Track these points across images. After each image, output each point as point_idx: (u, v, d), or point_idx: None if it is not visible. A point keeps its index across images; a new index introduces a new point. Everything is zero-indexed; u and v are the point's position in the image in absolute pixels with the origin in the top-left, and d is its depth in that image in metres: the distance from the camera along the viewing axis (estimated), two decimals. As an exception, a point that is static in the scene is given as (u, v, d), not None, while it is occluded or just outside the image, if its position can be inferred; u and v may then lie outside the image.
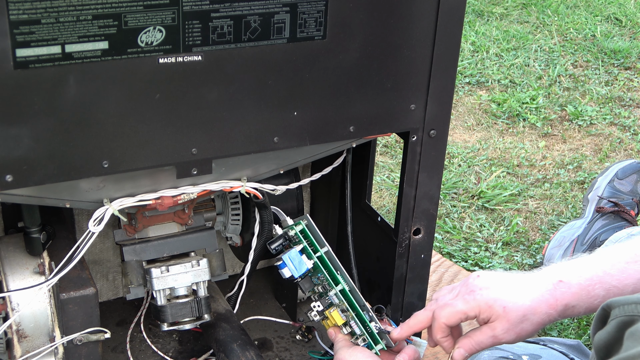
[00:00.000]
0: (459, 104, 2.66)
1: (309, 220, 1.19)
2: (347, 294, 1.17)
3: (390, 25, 1.08)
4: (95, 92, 0.96)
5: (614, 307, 0.77)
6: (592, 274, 1.06)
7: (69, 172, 0.99)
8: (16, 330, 1.11)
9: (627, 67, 2.95)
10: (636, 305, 0.75)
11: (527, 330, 1.06)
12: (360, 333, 1.16)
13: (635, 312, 0.75)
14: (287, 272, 1.17)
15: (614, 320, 0.77)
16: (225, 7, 0.99)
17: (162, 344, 1.39)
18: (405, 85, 1.13)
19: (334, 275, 1.17)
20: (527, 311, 1.05)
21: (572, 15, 3.33)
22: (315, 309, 1.19)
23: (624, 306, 0.76)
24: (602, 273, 1.05)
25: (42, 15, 0.90)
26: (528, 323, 1.05)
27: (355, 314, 1.16)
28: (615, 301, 0.77)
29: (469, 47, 3.02)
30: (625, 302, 0.76)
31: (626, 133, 2.51)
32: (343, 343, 1.16)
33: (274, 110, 1.07)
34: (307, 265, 1.17)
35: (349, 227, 1.31)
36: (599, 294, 1.05)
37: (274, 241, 1.21)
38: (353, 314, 1.16)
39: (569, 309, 1.05)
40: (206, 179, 1.11)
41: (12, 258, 1.14)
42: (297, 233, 1.19)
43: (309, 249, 1.18)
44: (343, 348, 1.15)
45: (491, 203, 2.14)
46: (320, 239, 1.19)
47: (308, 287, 1.19)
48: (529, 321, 1.05)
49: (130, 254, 1.20)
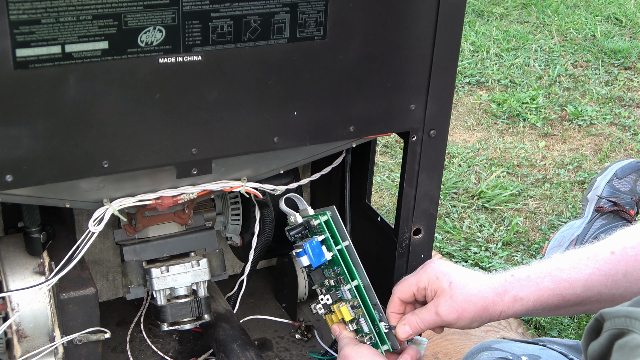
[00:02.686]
0: (459, 104, 2.66)
1: (334, 211, 1.18)
2: (361, 291, 1.16)
3: (390, 25, 1.08)
4: (95, 92, 0.96)
5: (606, 319, 0.78)
6: (543, 269, 1.08)
7: (69, 172, 0.99)
8: (16, 330, 1.11)
9: (627, 67, 2.95)
10: (625, 319, 0.76)
11: (469, 312, 1.07)
12: (368, 331, 1.15)
13: (624, 325, 0.75)
14: (305, 261, 1.15)
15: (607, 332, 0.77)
16: (225, 7, 0.99)
17: (162, 344, 1.39)
18: (405, 85, 1.13)
19: (352, 270, 1.16)
20: (472, 292, 1.07)
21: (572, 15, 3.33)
22: (322, 302, 1.18)
23: (614, 319, 0.77)
24: (553, 268, 1.07)
25: (42, 15, 0.90)
26: (471, 305, 1.07)
27: (367, 312, 1.15)
28: (606, 313, 0.78)
29: (469, 47, 3.02)
30: (616, 314, 0.77)
31: (626, 133, 2.51)
32: (348, 340, 1.16)
33: (274, 110, 1.07)
34: (326, 256, 1.15)
35: (348, 226, 1.31)
36: (547, 285, 1.06)
37: (294, 228, 1.19)
38: (365, 311, 1.15)
39: (517, 300, 1.07)
40: (206, 179, 1.11)
41: (12, 258, 1.14)
42: (321, 223, 1.17)
43: (330, 241, 1.16)
44: (349, 345, 1.14)
45: (491, 203, 2.14)
46: (342, 231, 1.17)
47: (318, 279, 1.19)
48: (472, 303, 1.07)
49: (130, 254, 1.20)
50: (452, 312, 1.07)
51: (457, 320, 1.08)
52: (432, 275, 1.10)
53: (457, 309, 1.07)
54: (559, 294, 1.06)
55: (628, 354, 0.72)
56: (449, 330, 1.62)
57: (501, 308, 1.07)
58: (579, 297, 1.06)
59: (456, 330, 1.63)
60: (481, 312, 1.07)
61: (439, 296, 1.08)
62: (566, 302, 1.07)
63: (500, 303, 1.07)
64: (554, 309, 1.09)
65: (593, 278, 1.05)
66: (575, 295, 1.06)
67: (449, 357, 1.55)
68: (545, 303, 1.07)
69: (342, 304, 1.16)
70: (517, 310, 1.08)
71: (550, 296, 1.07)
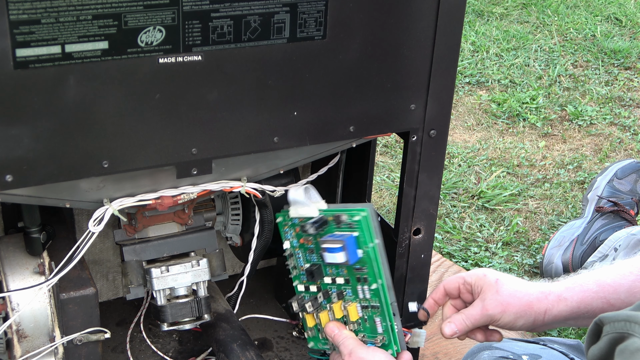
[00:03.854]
0: (459, 104, 2.66)
1: (372, 208, 1.14)
2: (384, 290, 1.13)
3: (390, 25, 1.08)
4: (95, 92, 0.96)
5: (605, 323, 0.78)
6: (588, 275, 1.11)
7: (69, 172, 0.99)
8: (16, 330, 1.11)
9: (627, 67, 2.95)
10: (625, 323, 0.76)
11: (514, 307, 1.08)
12: (381, 331, 1.13)
13: (624, 329, 0.76)
14: (341, 257, 1.11)
15: (606, 336, 0.77)
16: (225, 7, 0.99)
17: (162, 344, 1.39)
18: (405, 85, 1.13)
19: (380, 269, 1.12)
20: (517, 288, 1.10)
21: (572, 15, 3.33)
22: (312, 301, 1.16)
23: (614, 323, 0.77)
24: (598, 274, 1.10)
25: (42, 15, 0.90)
26: (516, 300, 1.08)
27: (386, 312, 1.13)
28: (606, 317, 0.78)
29: (469, 47, 3.02)
30: (616, 318, 0.77)
31: (626, 133, 2.51)
32: (356, 341, 1.13)
33: (274, 110, 1.07)
34: (359, 254, 1.12)
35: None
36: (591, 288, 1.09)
37: (317, 222, 1.14)
38: (385, 311, 1.13)
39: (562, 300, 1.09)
40: (206, 179, 1.11)
41: (12, 258, 1.14)
42: (360, 220, 1.12)
43: (365, 238, 1.12)
44: (359, 347, 1.12)
45: (491, 203, 2.14)
46: (376, 229, 1.13)
47: (318, 276, 1.16)
48: (517, 298, 1.09)
49: (130, 254, 1.20)
50: (497, 305, 1.09)
51: (501, 315, 1.09)
52: (480, 273, 1.13)
53: (502, 303, 1.09)
54: (603, 297, 1.08)
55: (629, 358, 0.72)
56: (449, 330, 1.62)
57: (546, 306, 1.09)
58: (622, 302, 1.08)
59: (456, 330, 1.62)
60: (526, 308, 1.09)
61: (484, 292, 1.11)
62: (610, 306, 1.08)
63: (544, 301, 1.09)
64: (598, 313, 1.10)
65: (636, 284, 1.08)
66: (619, 300, 1.08)
67: (449, 357, 1.55)
68: (589, 305, 1.09)
69: (349, 303, 1.15)
70: (561, 310, 1.09)
71: (594, 299, 1.09)
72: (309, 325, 1.19)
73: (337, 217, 1.13)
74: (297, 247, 1.19)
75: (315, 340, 1.20)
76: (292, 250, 1.19)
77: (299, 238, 1.18)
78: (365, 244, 1.11)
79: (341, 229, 1.13)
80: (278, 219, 1.19)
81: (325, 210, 1.15)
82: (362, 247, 1.12)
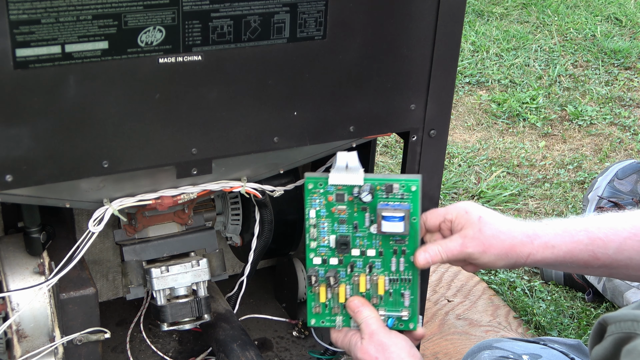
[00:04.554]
0: (459, 104, 2.66)
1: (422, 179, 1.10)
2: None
3: (390, 25, 1.08)
4: (95, 92, 0.96)
5: (610, 323, 0.77)
6: (579, 223, 1.07)
7: (69, 172, 0.99)
8: (16, 330, 1.11)
9: (627, 67, 2.95)
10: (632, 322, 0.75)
11: (495, 248, 1.05)
12: (408, 305, 1.12)
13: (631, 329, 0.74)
14: (400, 227, 1.07)
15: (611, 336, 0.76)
16: (225, 7, 0.99)
17: (162, 344, 1.39)
18: (405, 85, 1.13)
19: (417, 242, 1.10)
20: (501, 229, 1.05)
21: (572, 15, 3.33)
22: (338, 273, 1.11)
23: (620, 323, 0.76)
24: (590, 225, 1.06)
25: (42, 15, 0.90)
26: (498, 241, 1.05)
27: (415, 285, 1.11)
28: (611, 316, 0.77)
29: (469, 47, 3.02)
30: (622, 318, 0.76)
31: (626, 133, 2.51)
32: (378, 322, 1.09)
33: (274, 110, 1.07)
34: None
35: None
36: (582, 240, 1.05)
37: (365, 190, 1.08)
38: (415, 284, 1.11)
39: (549, 247, 1.05)
40: (206, 179, 1.11)
41: (12, 258, 1.14)
42: (414, 191, 1.08)
43: (414, 209, 1.09)
44: (380, 329, 1.08)
45: (491, 203, 2.14)
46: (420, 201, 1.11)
47: (345, 250, 1.11)
48: (500, 240, 1.05)
49: (130, 254, 1.20)
50: (478, 244, 1.05)
51: (481, 255, 1.05)
52: (461, 209, 1.08)
53: (483, 242, 1.05)
54: (592, 250, 1.05)
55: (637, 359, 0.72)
56: (449, 330, 1.62)
57: (529, 250, 1.05)
58: (609, 258, 1.05)
59: (456, 330, 1.63)
60: (508, 250, 1.05)
61: (466, 228, 1.06)
62: (596, 260, 1.05)
63: (529, 245, 1.05)
64: (582, 266, 1.08)
65: (627, 242, 1.04)
66: (606, 255, 1.05)
67: (449, 357, 1.55)
68: (576, 257, 1.05)
69: (376, 276, 1.11)
70: (546, 257, 1.06)
71: (582, 251, 1.05)
72: (321, 301, 1.13)
73: (389, 186, 1.08)
74: (324, 217, 1.11)
75: (319, 317, 1.14)
76: (316, 221, 1.12)
77: (329, 207, 1.11)
78: (414, 215, 1.09)
79: (389, 199, 1.09)
80: (308, 185, 1.10)
81: (368, 179, 1.09)
82: (410, 219, 1.09)
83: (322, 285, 1.13)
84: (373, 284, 1.12)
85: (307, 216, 1.11)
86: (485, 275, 1.84)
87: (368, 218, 1.10)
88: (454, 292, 1.75)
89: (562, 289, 1.80)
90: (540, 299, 1.75)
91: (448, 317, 1.67)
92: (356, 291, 1.13)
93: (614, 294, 1.70)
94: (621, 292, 1.68)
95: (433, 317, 1.66)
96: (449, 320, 1.66)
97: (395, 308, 1.13)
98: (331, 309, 1.14)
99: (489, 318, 1.67)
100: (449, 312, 1.69)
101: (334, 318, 1.14)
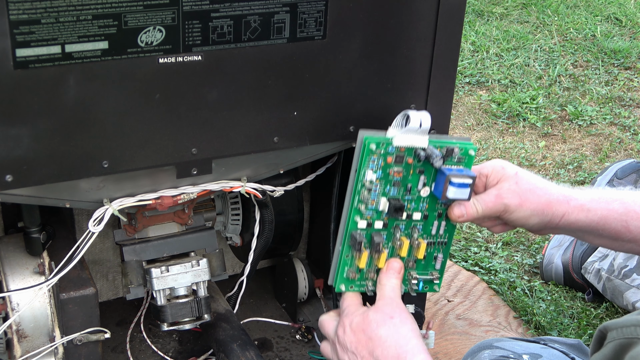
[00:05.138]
0: (459, 104, 2.66)
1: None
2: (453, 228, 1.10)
3: (390, 25, 1.08)
4: (95, 92, 0.96)
5: (610, 330, 0.75)
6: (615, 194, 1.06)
7: (69, 172, 0.99)
8: (16, 330, 1.11)
9: (627, 67, 2.95)
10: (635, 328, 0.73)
11: (531, 203, 1.03)
12: (439, 267, 1.10)
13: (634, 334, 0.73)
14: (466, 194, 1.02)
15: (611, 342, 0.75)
16: (225, 7, 0.99)
17: (162, 344, 1.39)
18: (405, 85, 1.13)
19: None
20: (538, 185, 1.03)
21: (572, 15, 3.33)
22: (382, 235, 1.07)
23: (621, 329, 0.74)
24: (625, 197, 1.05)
25: (42, 15, 0.90)
26: (535, 196, 1.03)
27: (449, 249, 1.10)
28: (612, 323, 0.76)
29: (469, 47, 3.02)
30: (623, 324, 0.75)
31: (626, 133, 2.51)
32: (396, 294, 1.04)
33: (274, 110, 1.07)
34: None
35: (331, 225, 1.29)
36: (616, 209, 1.04)
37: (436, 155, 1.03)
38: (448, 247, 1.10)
39: (584, 210, 1.03)
40: (206, 179, 1.11)
41: (12, 258, 1.14)
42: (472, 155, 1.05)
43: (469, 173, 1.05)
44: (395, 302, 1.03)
45: (491, 203, 2.14)
46: None
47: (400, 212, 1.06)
48: (537, 195, 1.03)
49: (130, 254, 1.20)
50: (514, 196, 1.02)
51: (517, 208, 1.03)
52: (497, 165, 1.05)
53: (520, 195, 1.02)
54: (625, 221, 1.04)
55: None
56: (449, 330, 1.62)
57: (565, 210, 1.03)
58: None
59: (456, 330, 1.63)
60: (544, 207, 1.03)
61: (502, 181, 1.04)
62: (628, 232, 1.04)
63: (565, 204, 1.03)
64: (612, 236, 1.06)
65: None
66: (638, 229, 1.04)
67: (449, 357, 1.55)
68: (609, 225, 1.04)
69: (418, 240, 1.08)
70: (580, 219, 1.04)
71: (616, 220, 1.04)
72: (361, 266, 1.07)
73: (450, 149, 1.04)
74: (379, 179, 1.05)
75: (349, 283, 1.09)
76: (371, 184, 1.05)
77: (385, 169, 1.05)
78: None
79: (449, 162, 1.05)
80: (371, 145, 1.03)
81: (433, 141, 1.05)
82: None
83: (365, 250, 1.07)
84: (414, 248, 1.09)
85: (361, 177, 1.05)
86: (485, 275, 1.84)
87: (422, 181, 1.06)
88: (454, 292, 1.75)
89: (562, 289, 1.80)
90: (540, 299, 1.75)
91: (448, 317, 1.67)
92: (396, 255, 1.09)
93: (614, 294, 1.70)
94: (621, 292, 1.68)
95: (433, 317, 1.66)
96: (449, 320, 1.66)
97: (425, 271, 1.11)
98: (364, 273, 1.09)
99: (489, 318, 1.67)
100: (449, 312, 1.68)
101: (364, 283, 1.10)
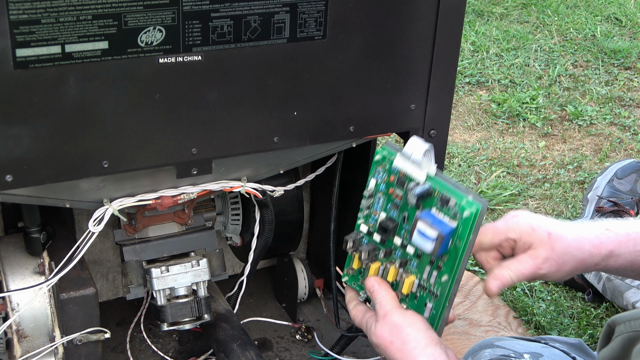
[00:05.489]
0: (459, 104, 2.66)
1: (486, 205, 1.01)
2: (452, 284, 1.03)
3: (390, 25, 1.08)
4: (95, 92, 0.96)
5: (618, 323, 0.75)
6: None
7: (69, 172, 0.99)
8: (16, 330, 1.11)
9: (627, 67, 2.95)
10: None
11: (569, 266, 1.00)
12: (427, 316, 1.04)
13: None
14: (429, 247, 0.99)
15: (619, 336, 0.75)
16: (225, 7, 0.99)
17: (162, 344, 1.39)
18: (405, 85, 1.13)
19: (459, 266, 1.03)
20: (571, 244, 1.00)
21: (572, 15, 3.33)
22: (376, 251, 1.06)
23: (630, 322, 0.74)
24: None
25: (42, 15, 0.90)
26: (571, 257, 1.00)
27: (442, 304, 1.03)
28: (620, 317, 0.76)
29: (469, 47, 3.02)
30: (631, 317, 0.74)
31: (626, 133, 2.51)
32: (392, 302, 1.03)
33: (274, 110, 1.07)
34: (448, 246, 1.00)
35: (332, 225, 1.29)
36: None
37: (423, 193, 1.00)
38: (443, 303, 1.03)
39: (613, 256, 1.01)
40: (206, 179, 1.11)
41: (12, 258, 1.14)
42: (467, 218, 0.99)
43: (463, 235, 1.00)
44: (395, 310, 1.02)
45: (491, 203, 2.14)
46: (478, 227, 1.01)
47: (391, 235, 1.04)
48: (572, 256, 1.00)
49: (130, 254, 1.20)
50: (552, 265, 1.00)
51: (554, 273, 1.01)
52: (526, 226, 1.01)
53: (557, 262, 1.00)
54: None
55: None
56: (449, 330, 1.62)
57: (597, 261, 1.01)
58: None
59: (456, 330, 1.63)
60: (578, 265, 1.01)
61: (535, 247, 1.00)
62: None
63: (597, 257, 1.01)
64: None
65: None
66: None
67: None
68: (636, 266, 1.02)
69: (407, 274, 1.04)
70: (609, 265, 1.02)
71: None
72: (354, 267, 1.08)
73: (445, 199, 0.99)
74: (382, 192, 1.05)
75: (352, 279, 1.10)
76: (374, 192, 1.05)
77: (388, 187, 1.04)
78: (461, 239, 0.99)
79: (442, 211, 1.00)
80: (377, 156, 1.03)
81: (434, 179, 1.01)
82: (455, 241, 0.99)
83: (357, 253, 1.06)
84: (401, 280, 1.05)
85: (367, 183, 1.05)
86: (485, 275, 1.83)
87: None
88: (454, 292, 1.75)
89: (562, 289, 1.80)
90: (540, 299, 1.75)
91: (448, 317, 1.67)
92: (385, 278, 1.06)
93: (613, 294, 1.70)
94: (621, 292, 1.68)
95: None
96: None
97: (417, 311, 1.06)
98: (361, 278, 1.08)
99: (489, 318, 1.67)
100: (449, 312, 1.68)
101: (362, 286, 1.08)
